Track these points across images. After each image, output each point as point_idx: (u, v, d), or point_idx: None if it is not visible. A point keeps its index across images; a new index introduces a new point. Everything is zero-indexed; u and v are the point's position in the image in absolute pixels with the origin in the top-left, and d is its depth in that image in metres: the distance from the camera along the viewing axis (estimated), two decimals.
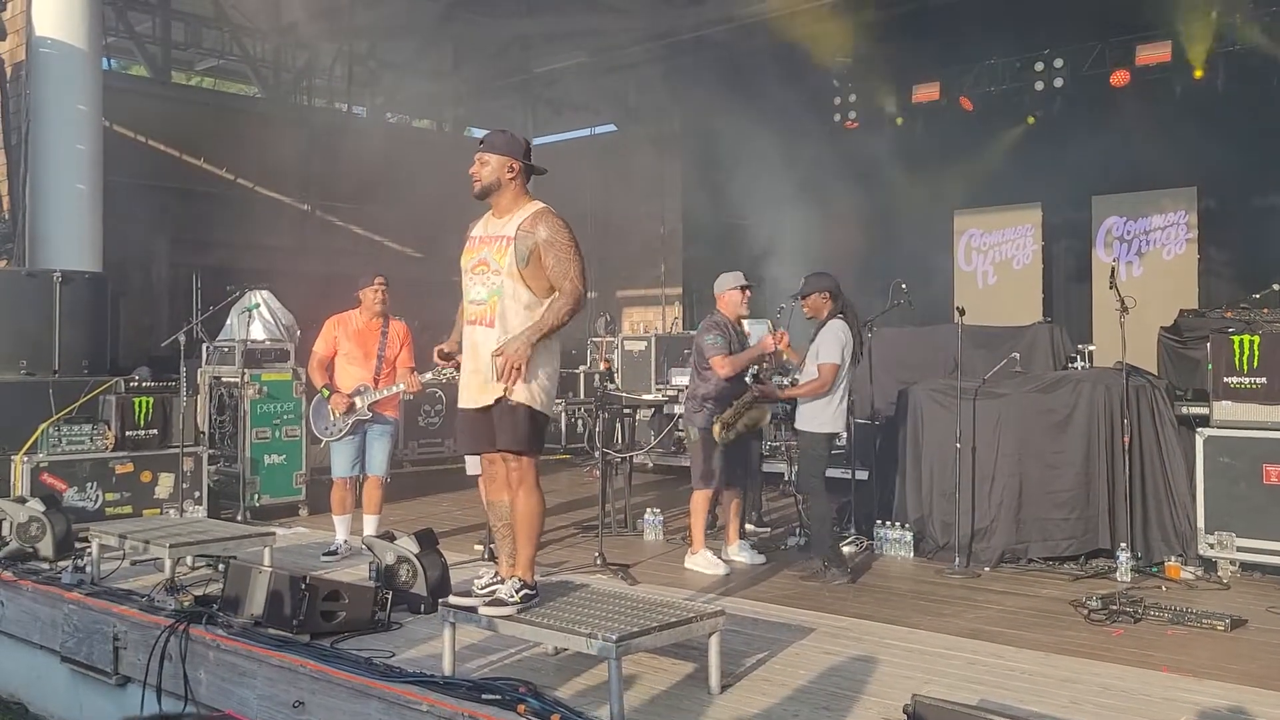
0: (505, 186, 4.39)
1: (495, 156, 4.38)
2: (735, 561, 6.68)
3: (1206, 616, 5.17)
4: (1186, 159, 10.66)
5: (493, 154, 4.39)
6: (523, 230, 4.30)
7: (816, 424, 6.32)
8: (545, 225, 4.30)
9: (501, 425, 4.31)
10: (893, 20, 11.97)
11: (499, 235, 4.37)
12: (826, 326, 6.34)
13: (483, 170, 4.39)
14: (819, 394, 6.25)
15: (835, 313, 6.38)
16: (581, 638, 3.88)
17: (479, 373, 4.37)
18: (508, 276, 4.31)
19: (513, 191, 4.41)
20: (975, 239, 12.60)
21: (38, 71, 9.37)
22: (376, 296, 7.05)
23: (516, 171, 4.40)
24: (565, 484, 10.37)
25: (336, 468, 7.09)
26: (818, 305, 6.43)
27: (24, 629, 6.10)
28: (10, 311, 8.21)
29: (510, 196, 4.41)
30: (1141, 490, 6.49)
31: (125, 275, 12.13)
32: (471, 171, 4.41)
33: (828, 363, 6.24)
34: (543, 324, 4.27)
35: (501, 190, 4.40)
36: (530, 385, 4.27)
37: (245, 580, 5.22)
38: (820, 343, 6.32)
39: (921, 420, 7.16)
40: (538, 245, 4.28)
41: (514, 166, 4.39)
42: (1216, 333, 6.42)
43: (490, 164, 4.38)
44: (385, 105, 17.71)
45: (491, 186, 4.39)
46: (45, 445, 7.58)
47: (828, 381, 6.22)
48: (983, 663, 4.54)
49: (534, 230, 4.29)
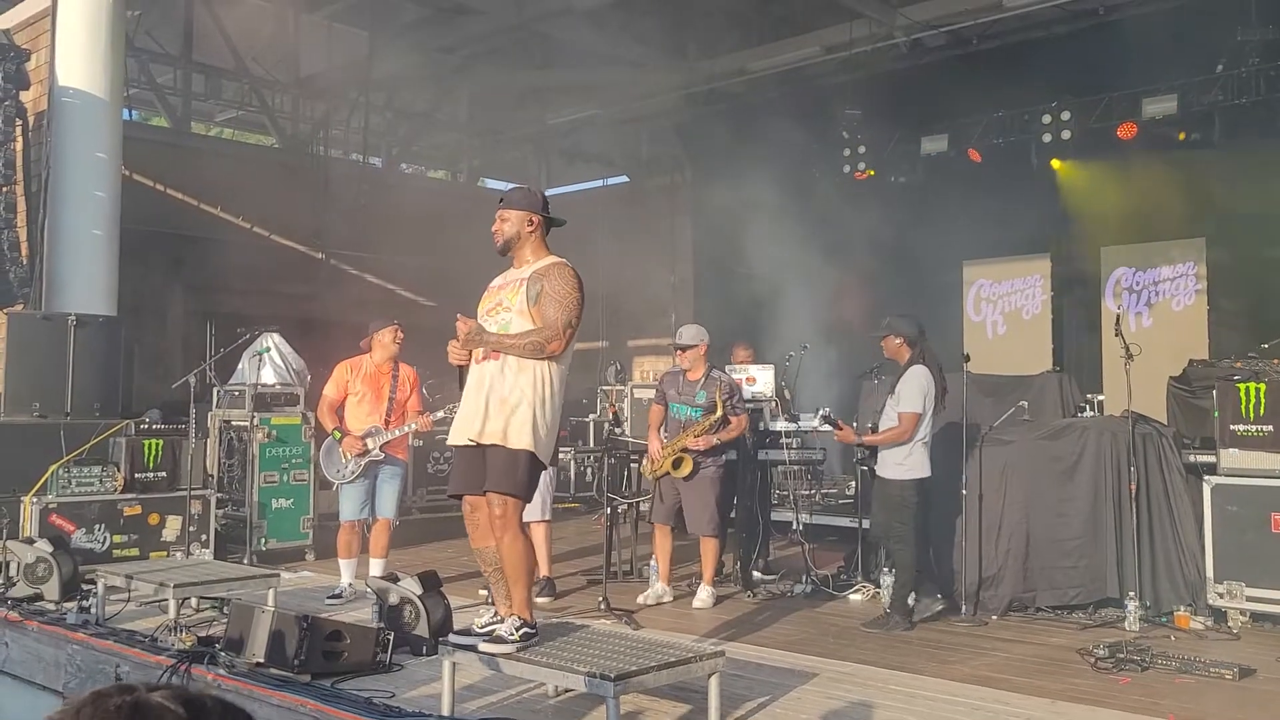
0: (525, 240, 4.57)
1: (515, 212, 4.56)
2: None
3: (1215, 665, 5.11)
4: (1194, 210, 10.69)
5: (513, 210, 4.56)
6: (536, 274, 4.47)
7: (903, 471, 6.21)
8: (558, 275, 4.46)
9: (496, 466, 4.33)
10: (901, 73, 12.11)
11: (515, 279, 4.54)
12: (910, 374, 6.25)
13: (504, 226, 4.57)
14: (899, 441, 6.19)
15: (916, 359, 6.31)
16: (580, 675, 3.87)
17: (471, 404, 4.44)
18: (517, 314, 4.43)
19: (532, 245, 4.59)
20: (985, 289, 12.62)
21: (59, 121, 9.55)
22: (396, 338, 7.17)
23: (536, 225, 4.58)
24: (573, 532, 10.34)
25: (345, 510, 7.10)
26: (896, 349, 6.37)
27: (28, 670, 6.09)
28: (25, 354, 8.32)
29: (530, 249, 4.58)
30: (1150, 539, 6.43)
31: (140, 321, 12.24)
32: (494, 229, 4.59)
33: (909, 411, 6.16)
34: (505, 339, 4.38)
35: (521, 244, 4.58)
36: (536, 433, 4.31)
37: (248, 620, 5.22)
38: (902, 390, 6.24)
39: None
40: (544, 289, 4.41)
41: (533, 220, 4.57)
42: (1222, 380, 6.41)
43: (510, 219, 4.56)
44: (401, 156, 17.95)
45: (512, 241, 4.57)
46: (55, 487, 7.63)
47: (908, 430, 6.14)
48: (986, 709, 4.50)
49: (546, 276, 4.45)
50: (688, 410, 6.92)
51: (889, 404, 6.37)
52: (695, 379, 6.95)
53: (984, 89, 10.91)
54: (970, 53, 11.53)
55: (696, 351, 7.00)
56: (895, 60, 12.22)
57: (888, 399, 6.41)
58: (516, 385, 4.34)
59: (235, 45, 15.00)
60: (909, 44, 12.02)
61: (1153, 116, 10.45)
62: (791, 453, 7.83)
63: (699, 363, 6.99)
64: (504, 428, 4.30)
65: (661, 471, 6.89)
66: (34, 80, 9.72)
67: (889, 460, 6.28)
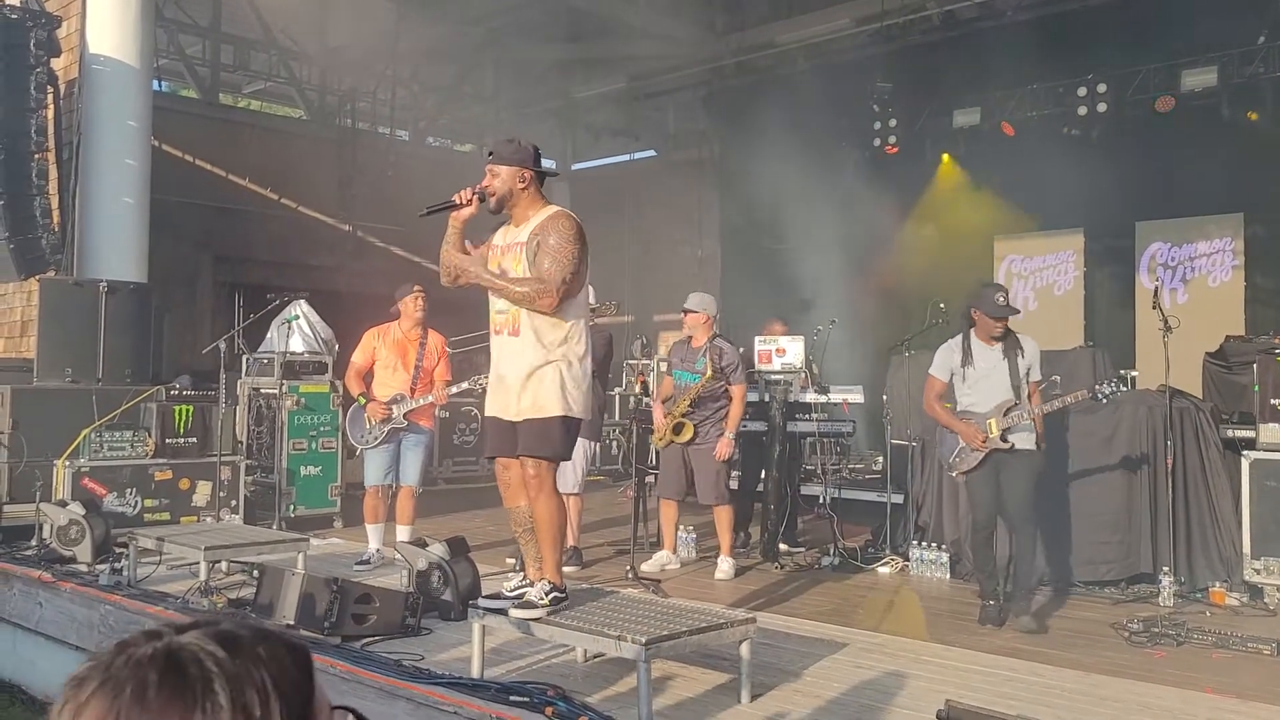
0: (519, 196, 4.38)
1: (506, 168, 4.37)
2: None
3: (1252, 641, 5.04)
4: (1232, 185, 10.50)
5: (503, 165, 4.37)
6: (533, 235, 4.31)
7: (1032, 441, 5.77)
8: (554, 229, 4.29)
9: (531, 433, 4.28)
10: (933, 45, 11.95)
11: (515, 243, 4.39)
12: (1030, 342, 5.90)
13: (495, 182, 4.37)
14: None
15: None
16: (611, 639, 3.85)
17: (503, 383, 4.38)
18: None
19: (527, 199, 4.40)
20: (1016, 265, 12.47)
21: (90, 88, 9.57)
22: (417, 304, 7.11)
23: (529, 180, 4.39)
24: (599, 504, 10.33)
25: (370, 476, 7.11)
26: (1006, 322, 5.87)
27: (61, 630, 6.15)
28: (58, 319, 8.37)
29: (525, 204, 4.40)
30: (1185, 514, 6.34)
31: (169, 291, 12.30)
32: (484, 185, 4.38)
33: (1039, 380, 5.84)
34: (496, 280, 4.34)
35: (515, 199, 4.38)
36: (565, 395, 4.27)
37: (278, 584, 5.24)
38: (1035, 360, 5.84)
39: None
40: (540, 245, 4.28)
41: (525, 175, 4.38)
42: (1263, 354, 6.30)
43: (501, 175, 4.36)
44: (428, 129, 17.92)
45: (505, 197, 4.37)
46: (87, 451, 7.69)
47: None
48: (1019, 679, 4.46)
49: (543, 234, 4.29)
50: (686, 376, 6.90)
51: (1004, 372, 5.76)
52: (698, 346, 6.93)
53: (1018, 61, 10.73)
54: (1004, 24, 11.35)
55: (697, 318, 6.96)
56: (927, 33, 12.05)
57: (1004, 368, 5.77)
58: (539, 355, 4.28)
59: (264, 17, 15.00)
60: (941, 16, 11.85)
61: (1192, 89, 10.26)
62: (820, 425, 7.79)
63: (701, 330, 6.96)
64: (534, 401, 4.26)
65: (665, 440, 6.87)
66: (65, 48, 9.72)
67: (1026, 432, 5.76)
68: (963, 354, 5.87)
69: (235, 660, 0.99)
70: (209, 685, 0.97)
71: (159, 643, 0.99)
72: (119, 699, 0.95)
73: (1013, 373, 5.74)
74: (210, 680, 0.97)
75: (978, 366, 5.81)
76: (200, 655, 0.98)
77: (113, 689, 0.96)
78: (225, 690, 0.97)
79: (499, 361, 4.42)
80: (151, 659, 0.97)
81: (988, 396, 5.76)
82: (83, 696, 0.96)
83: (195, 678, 0.97)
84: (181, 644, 0.99)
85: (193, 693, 0.96)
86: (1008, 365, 5.76)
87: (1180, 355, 6.38)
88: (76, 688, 0.97)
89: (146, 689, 0.95)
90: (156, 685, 0.96)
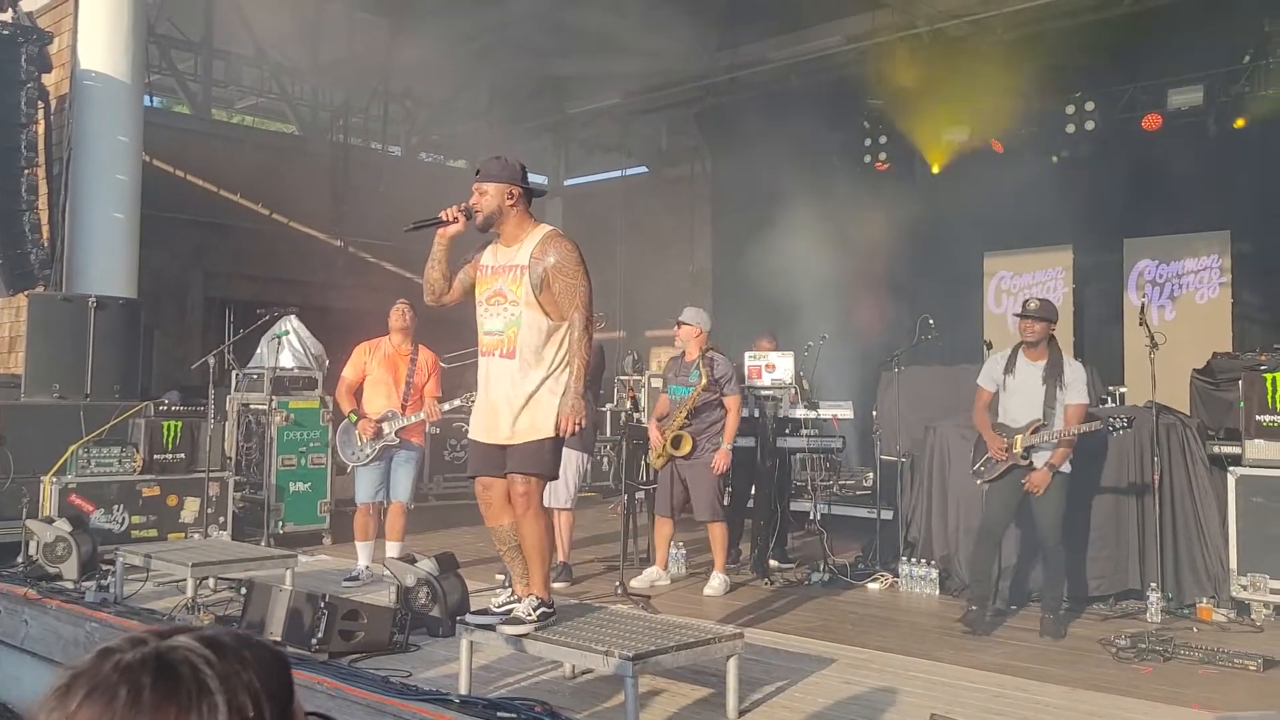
0: (507, 213, 4.34)
1: (493, 185, 4.32)
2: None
3: (1238, 656, 5.05)
4: (1219, 203, 10.58)
5: (490, 183, 4.33)
6: (534, 258, 4.29)
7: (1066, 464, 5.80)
8: (554, 250, 4.28)
9: (523, 452, 4.28)
10: (922, 62, 12.02)
11: (512, 264, 4.34)
12: (1076, 365, 5.91)
13: (483, 200, 4.32)
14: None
15: (1054, 347, 5.92)
16: (598, 655, 3.85)
17: (492, 406, 4.36)
18: (526, 307, 4.29)
19: (515, 217, 4.36)
20: (1005, 281, 12.52)
21: (81, 103, 9.57)
22: (400, 315, 7.14)
23: (516, 197, 4.35)
24: (589, 519, 10.31)
25: (361, 493, 7.10)
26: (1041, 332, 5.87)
27: (47, 647, 6.11)
28: (46, 335, 8.34)
29: (514, 223, 4.36)
30: (1173, 530, 6.36)
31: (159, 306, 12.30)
32: (472, 203, 4.34)
33: (1082, 403, 5.81)
34: (577, 370, 4.29)
35: (504, 218, 4.34)
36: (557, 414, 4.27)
37: (266, 600, 5.23)
38: (1072, 381, 5.80)
39: (949, 457, 7.10)
40: (548, 271, 4.27)
41: (513, 193, 4.34)
42: (1249, 370, 6.33)
43: (490, 193, 4.32)
44: (420, 145, 17.95)
45: (494, 215, 4.33)
46: (74, 467, 7.66)
47: (1082, 420, 5.82)
48: (1007, 695, 4.46)
49: (544, 256, 4.28)
50: (682, 391, 6.92)
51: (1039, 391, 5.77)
52: (691, 360, 6.95)
53: (1008, 79, 10.81)
54: (994, 42, 11.43)
55: (690, 331, 6.99)
56: (916, 50, 12.12)
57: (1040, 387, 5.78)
58: (538, 374, 4.28)
59: (256, 33, 15.03)
60: (931, 34, 11.93)
61: (1179, 107, 10.34)
62: (810, 440, 7.80)
63: (694, 344, 6.99)
64: (533, 422, 4.25)
65: (664, 456, 6.86)
66: (56, 63, 9.74)
67: (1049, 452, 5.75)
68: (1006, 363, 5.99)
69: (224, 663, 0.99)
70: (204, 687, 0.97)
71: (147, 648, 0.98)
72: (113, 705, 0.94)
73: (1048, 396, 5.81)
74: (204, 682, 0.97)
75: (1017, 376, 5.93)
76: (192, 658, 0.98)
77: (104, 695, 0.95)
78: (220, 692, 0.97)
79: (489, 384, 4.38)
80: (143, 663, 0.97)
81: (1021, 412, 5.87)
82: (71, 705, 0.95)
83: (189, 680, 0.97)
84: (172, 648, 0.99)
85: (188, 695, 0.96)
86: (1045, 388, 5.83)
87: (1167, 371, 6.41)
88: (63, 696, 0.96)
89: (141, 693, 0.95)
90: (151, 689, 0.95)
